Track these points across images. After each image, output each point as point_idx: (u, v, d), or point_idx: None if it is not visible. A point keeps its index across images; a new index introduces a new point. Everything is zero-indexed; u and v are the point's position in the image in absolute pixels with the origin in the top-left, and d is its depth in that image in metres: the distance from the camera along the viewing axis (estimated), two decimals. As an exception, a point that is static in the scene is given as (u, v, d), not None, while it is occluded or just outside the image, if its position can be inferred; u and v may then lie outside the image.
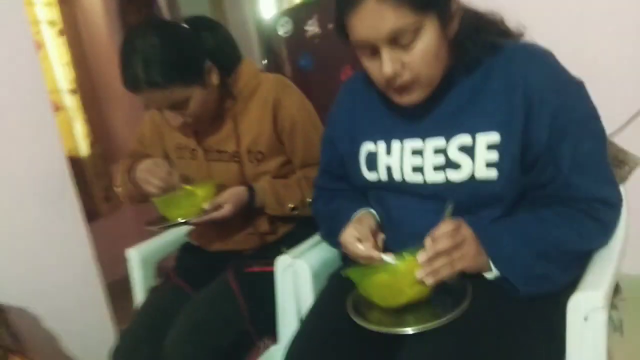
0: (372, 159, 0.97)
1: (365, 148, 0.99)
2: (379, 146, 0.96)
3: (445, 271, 0.79)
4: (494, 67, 0.87)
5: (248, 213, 1.25)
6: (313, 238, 1.22)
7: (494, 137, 0.84)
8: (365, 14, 0.78)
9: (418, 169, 0.91)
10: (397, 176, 0.94)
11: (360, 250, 0.90)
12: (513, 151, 0.84)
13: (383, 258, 0.86)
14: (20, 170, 1.54)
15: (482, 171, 0.85)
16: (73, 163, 2.02)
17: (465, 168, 0.86)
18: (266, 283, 1.17)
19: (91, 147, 2.85)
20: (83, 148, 2.83)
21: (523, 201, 0.90)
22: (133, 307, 1.44)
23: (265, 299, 1.17)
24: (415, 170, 0.91)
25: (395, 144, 0.94)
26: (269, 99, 1.24)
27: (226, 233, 1.31)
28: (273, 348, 1.18)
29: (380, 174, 0.96)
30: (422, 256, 0.78)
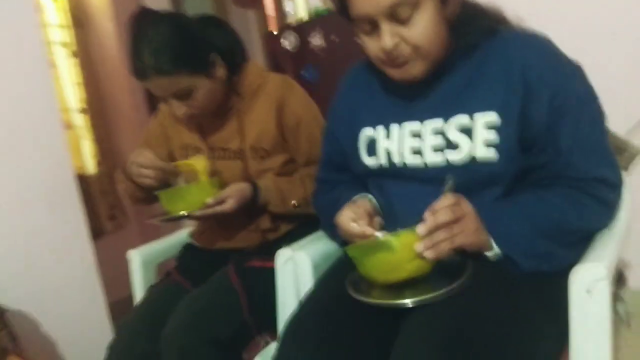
0: (372, 144, 0.98)
1: (364, 134, 1.00)
2: (378, 131, 0.97)
3: (445, 245, 0.78)
4: (492, 51, 0.89)
5: (250, 210, 1.25)
6: (314, 234, 1.22)
7: (493, 117, 0.85)
8: None
9: (417, 151, 0.92)
10: (397, 160, 0.94)
11: (354, 228, 0.90)
12: (512, 131, 0.85)
13: (376, 235, 0.86)
14: (30, 184, 1.59)
15: (482, 151, 0.85)
16: (80, 181, 2.05)
17: (464, 148, 0.86)
18: (267, 279, 1.16)
19: (98, 166, 2.88)
20: (90, 166, 2.86)
21: (523, 182, 0.89)
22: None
23: (265, 294, 1.16)
24: (414, 152, 0.92)
25: (394, 128, 0.95)
26: (274, 97, 1.26)
27: (228, 230, 1.30)
28: (273, 344, 1.16)
29: (380, 159, 0.97)
30: (422, 228, 0.77)
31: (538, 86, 0.84)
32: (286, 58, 2.02)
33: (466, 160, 0.86)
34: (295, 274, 1.12)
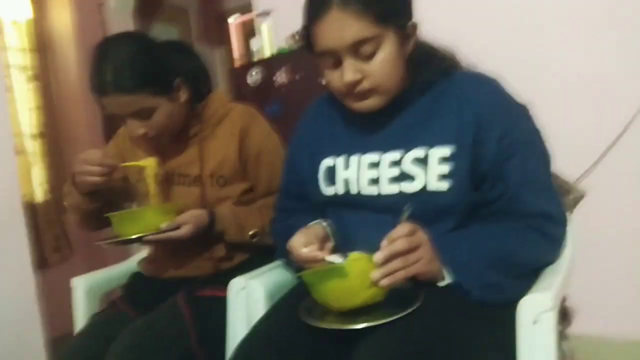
0: (331, 173, 1.00)
1: (324, 164, 1.02)
2: (338, 161, 0.99)
3: (400, 274, 0.79)
4: (447, 89, 0.94)
5: (205, 238, 1.23)
6: (269, 265, 1.20)
7: (447, 151, 0.89)
8: (330, 23, 0.85)
9: (374, 181, 0.94)
10: (354, 189, 0.96)
11: (304, 252, 0.90)
12: (464, 165, 0.89)
13: (326, 259, 0.87)
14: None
15: (434, 183, 0.88)
16: (27, 209, 1.97)
17: (418, 180, 0.90)
18: (218, 309, 1.13)
19: (47, 194, 2.78)
20: (38, 194, 2.75)
21: (474, 216, 0.93)
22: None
23: (216, 324, 1.12)
24: (371, 182, 0.94)
25: (353, 158, 0.98)
26: (237, 126, 1.27)
27: (180, 258, 1.26)
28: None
29: (337, 188, 0.98)
30: (379, 256, 0.78)
31: (489, 124, 0.89)
32: (250, 94, 2.05)
33: (419, 190, 0.89)
34: (247, 304, 1.10)
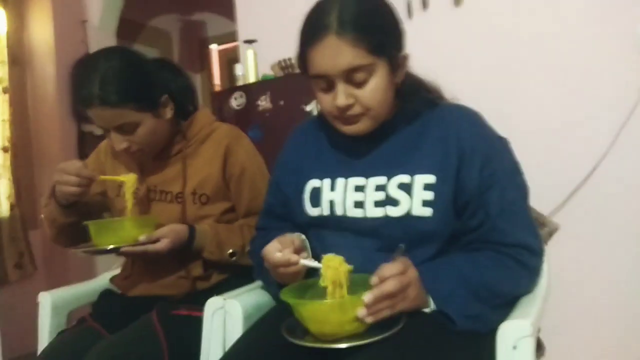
0: (316, 195, 1.01)
1: (310, 185, 1.03)
2: (324, 183, 1.01)
3: (386, 312, 0.80)
4: (432, 120, 0.98)
5: (183, 255, 1.21)
6: (248, 286, 1.19)
7: (430, 178, 0.92)
8: (326, 49, 0.88)
9: (359, 204, 0.96)
10: (339, 210, 0.97)
11: (277, 256, 0.90)
12: (447, 193, 0.91)
13: (301, 262, 0.87)
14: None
15: (418, 209, 0.91)
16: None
17: (403, 204, 0.92)
18: (193, 328, 1.11)
19: (11, 209, 2.69)
20: (4, 209, 2.66)
21: (455, 244, 0.95)
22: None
23: (190, 344, 1.10)
24: (356, 205, 0.96)
25: (339, 181, 0.99)
26: (221, 144, 1.27)
27: (155, 274, 1.24)
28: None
29: (322, 209, 0.99)
30: (369, 297, 0.78)
31: (471, 155, 0.93)
32: (231, 118, 2.06)
33: (404, 215, 0.91)
34: (223, 325, 1.08)
